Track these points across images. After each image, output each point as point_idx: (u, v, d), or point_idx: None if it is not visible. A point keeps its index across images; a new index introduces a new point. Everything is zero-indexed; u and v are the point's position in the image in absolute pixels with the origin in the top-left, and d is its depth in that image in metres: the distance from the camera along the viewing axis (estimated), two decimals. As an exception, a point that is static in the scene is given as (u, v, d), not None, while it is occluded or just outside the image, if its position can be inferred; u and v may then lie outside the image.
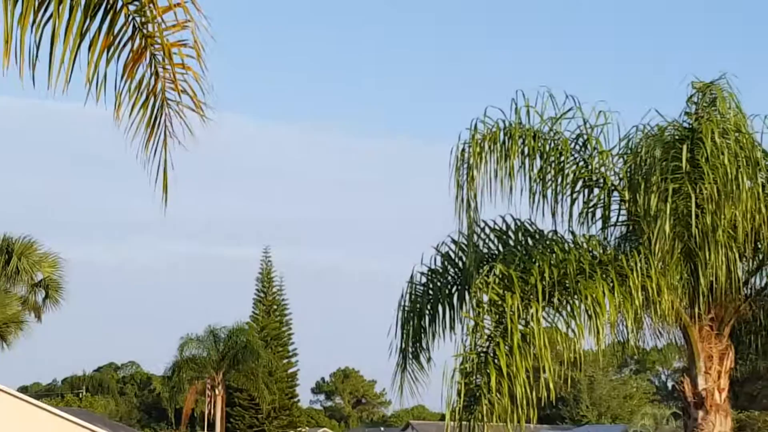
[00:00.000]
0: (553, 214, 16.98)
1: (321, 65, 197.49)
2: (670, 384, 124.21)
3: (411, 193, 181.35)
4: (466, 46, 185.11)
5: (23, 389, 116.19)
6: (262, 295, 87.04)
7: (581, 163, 17.29)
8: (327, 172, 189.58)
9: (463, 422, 15.58)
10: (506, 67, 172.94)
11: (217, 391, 68.10)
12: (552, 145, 17.09)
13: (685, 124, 17.04)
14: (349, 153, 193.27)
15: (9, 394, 65.99)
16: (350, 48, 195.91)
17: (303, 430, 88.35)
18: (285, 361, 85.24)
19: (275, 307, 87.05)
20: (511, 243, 17.17)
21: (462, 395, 15.46)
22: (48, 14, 8.23)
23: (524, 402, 15.26)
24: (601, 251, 16.67)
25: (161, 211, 8.53)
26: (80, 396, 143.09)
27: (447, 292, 17.50)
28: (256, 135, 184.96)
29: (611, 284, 15.89)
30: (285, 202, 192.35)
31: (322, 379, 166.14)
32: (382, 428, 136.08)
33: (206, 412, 77.50)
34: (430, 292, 17.54)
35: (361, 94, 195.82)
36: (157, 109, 8.74)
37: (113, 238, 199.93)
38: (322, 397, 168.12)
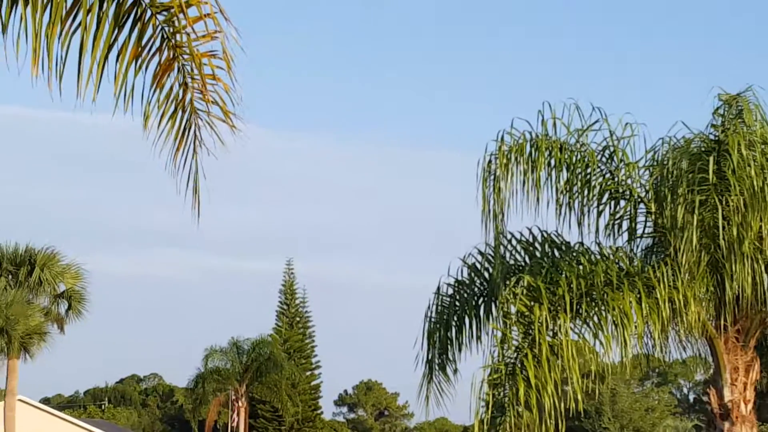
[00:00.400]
0: (580, 226, 16.92)
1: (342, 75, 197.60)
2: (692, 397, 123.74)
3: (437, 205, 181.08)
4: (500, 55, 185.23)
5: (45, 401, 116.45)
6: (285, 307, 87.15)
7: (608, 175, 17.22)
8: (349, 184, 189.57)
9: (491, 434, 15.54)
10: (534, 77, 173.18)
11: (240, 403, 68.08)
12: (578, 156, 17.03)
13: (712, 136, 16.95)
14: (372, 164, 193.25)
15: (32, 405, 66.14)
16: (375, 57, 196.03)
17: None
18: (308, 373, 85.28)
19: (298, 319, 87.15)
20: (538, 254, 17.10)
21: (490, 406, 15.41)
22: (76, 24, 8.19)
23: (552, 414, 15.21)
24: (628, 263, 16.59)
25: (191, 221, 8.48)
26: (103, 408, 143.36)
27: (474, 303, 17.45)
28: (278, 147, 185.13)
29: (638, 295, 15.82)
30: (307, 214, 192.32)
31: (345, 391, 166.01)
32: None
33: (229, 424, 77.50)
34: (457, 303, 17.49)
35: (388, 105, 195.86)
36: (186, 120, 8.69)
37: (136, 249, 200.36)
38: (344, 409, 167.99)
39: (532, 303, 15.57)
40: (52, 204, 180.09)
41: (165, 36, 8.47)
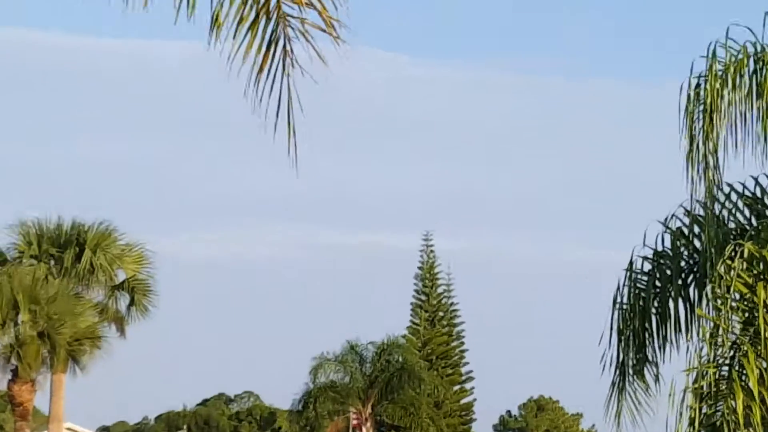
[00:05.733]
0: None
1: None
2: None
3: (624, 151, 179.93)
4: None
5: (104, 430, 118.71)
6: (423, 298, 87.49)
7: None
8: (503, 130, 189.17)
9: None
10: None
11: (364, 429, 68.64)
12: (824, 75, 16.78)
13: None
14: (526, 101, 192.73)
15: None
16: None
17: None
18: (457, 387, 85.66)
19: (441, 314, 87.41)
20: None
21: (696, 425, 15.28)
22: None
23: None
24: None
25: (287, 174, 8.45)
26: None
27: (680, 282, 17.29)
28: (400, 78, 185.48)
29: None
30: (449, 172, 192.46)
31: (508, 412, 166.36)
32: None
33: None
34: (657, 283, 17.36)
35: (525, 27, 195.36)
36: (273, 30, 8.63)
37: (218, 223, 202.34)
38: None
39: (755, 281, 15.40)
40: (109, 166, 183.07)
41: None
